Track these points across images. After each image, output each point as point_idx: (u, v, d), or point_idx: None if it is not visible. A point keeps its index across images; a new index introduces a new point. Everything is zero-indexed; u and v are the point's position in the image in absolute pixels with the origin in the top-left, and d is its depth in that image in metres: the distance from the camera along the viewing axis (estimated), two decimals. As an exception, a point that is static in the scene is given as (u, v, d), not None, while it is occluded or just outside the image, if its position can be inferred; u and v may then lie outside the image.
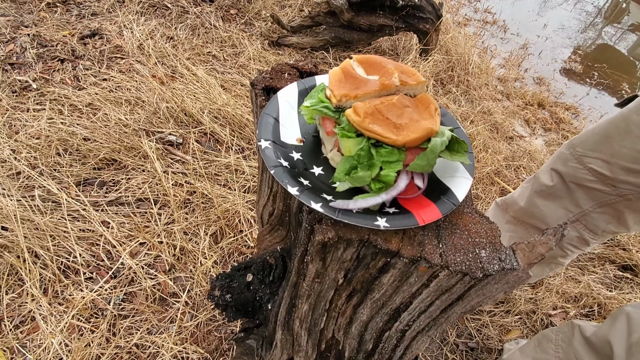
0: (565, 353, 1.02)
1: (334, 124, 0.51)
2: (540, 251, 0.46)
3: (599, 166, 1.01)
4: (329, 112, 0.50)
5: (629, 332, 0.85)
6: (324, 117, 0.52)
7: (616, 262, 1.81)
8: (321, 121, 0.53)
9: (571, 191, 1.09)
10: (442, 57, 2.68)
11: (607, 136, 0.99)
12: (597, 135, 1.02)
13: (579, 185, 1.07)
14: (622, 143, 0.94)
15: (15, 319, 1.16)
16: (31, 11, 2.21)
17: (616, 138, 0.96)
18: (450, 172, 0.54)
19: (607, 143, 0.98)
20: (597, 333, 0.94)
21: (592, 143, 1.02)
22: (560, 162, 1.11)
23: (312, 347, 0.68)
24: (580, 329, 1.01)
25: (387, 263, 0.48)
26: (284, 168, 0.50)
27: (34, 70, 1.88)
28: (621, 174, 0.97)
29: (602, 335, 0.92)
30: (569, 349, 1.01)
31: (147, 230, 1.41)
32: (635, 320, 0.86)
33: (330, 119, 0.51)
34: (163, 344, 1.17)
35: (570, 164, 1.07)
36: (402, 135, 0.45)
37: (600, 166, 1.00)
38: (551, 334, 1.10)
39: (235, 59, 2.32)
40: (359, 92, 0.49)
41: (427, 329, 0.60)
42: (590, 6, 5.04)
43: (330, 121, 0.51)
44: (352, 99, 0.49)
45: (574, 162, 1.06)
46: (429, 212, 0.47)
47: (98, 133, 1.64)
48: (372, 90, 0.49)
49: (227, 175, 1.66)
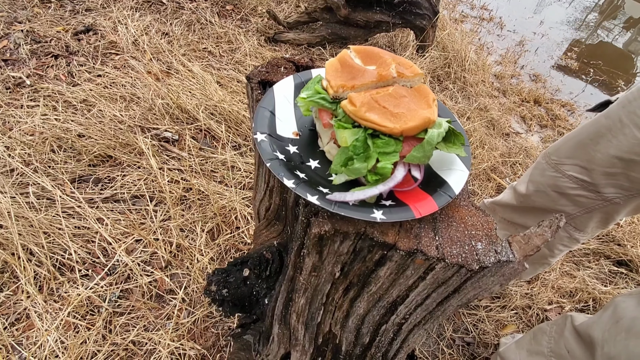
0: (556, 343, 1.03)
1: (330, 116, 0.50)
2: (536, 243, 0.46)
3: (578, 172, 0.99)
4: (325, 104, 0.49)
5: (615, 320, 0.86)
6: (320, 109, 0.51)
7: (611, 257, 1.82)
8: (318, 113, 0.53)
9: (554, 200, 1.08)
10: (439, 54, 2.68)
11: (580, 142, 0.97)
12: (570, 142, 1.00)
13: (562, 193, 1.05)
14: (596, 148, 0.93)
15: (10, 316, 1.16)
16: (25, 7, 2.18)
17: (589, 144, 0.94)
18: (447, 165, 0.54)
19: (581, 149, 0.96)
20: (586, 322, 0.95)
21: (566, 150, 1.01)
22: (538, 172, 1.09)
23: (309, 341, 0.68)
24: (572, 319, 1.01)
25: (384, 256, 0.48)
26: (280, 161, 0.50)
27: (27, 67, 1.86)
28: (602, 179, 0.95)
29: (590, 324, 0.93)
30: (561, 339, 1.02)
31: (143, 227, 1.41)
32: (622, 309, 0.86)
33: (327, 111, 0.51)
34: (160, 341, 1.16)
35: (548, 173, 1.06)
36: (400, 124, 0.45)
37: (580, 172, 0.98)
38: (546, 326, 1.11)
39: (231, 55, 2.31)
40: (356, 83, 0.48)
41: (424, 322, 0.60)
42: (586, 2, 5.06)
43: (327, 113, 0.51)
44: (349, 89, 0.48)
45: (551, 171, 1.05)
46: (425, 204, 0.47)
47: (93, 129, 1.62)
48: (369, 80, 0.49)
49: (224, 172, 1.65)
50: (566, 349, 0.98)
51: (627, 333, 0.81)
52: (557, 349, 1.02)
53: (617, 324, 0.85)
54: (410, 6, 2.49)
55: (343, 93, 0.49)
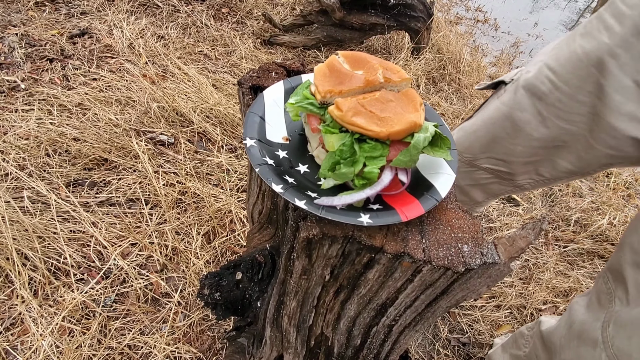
0: (530, 348, 1.02)
1: (319, 121, 0.51)
2: (520, 245, 0.47)
3: (495, 164, 0.97)
4: (313, 109, 0.50)
5: (569, 324, 0.84)
6: (309, 114, 0.52)
7: (605, 256, 1.84)
8: (306, 118, 0.54)
9: (465, 192, 1.08)
10: (434, 56, 2.70)
11: (494, 138, 0.93)
12: (482, 139, 0.97)
13: (474, 185, 1.05)
14: (515, 142, 0.89)
15: (5, 321, 1.15)
16: (19, 10, 2.18)
17: (506, 138, 0.91)
18: (434, 168, 0.55)
19: (497, 144, 0.93)
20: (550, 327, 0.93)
21: (479, 147, 0.98)
22: None
23: (302, 344, 0.68)
24: (540, 324, 1.00)
25: (372, 259, 0.49)
26: (269, 166, 0.50)
27: (22, 70, 1.86)
28: (521, 168, 0.93)
29: (552, 330, 0.91)
30: (534, 344, 1.00)
31: (139, 230, 1.41)
32: (574, 311, 0.84)
33: (315, 116, 0.51)
34: (155, 345, 1.16)
35: (462, 170, 1.04)
36: (386, 127, 0.45)
37: (497, 164, 0.97)
38: (525, 330, 1.10)
39: (227, 58, 2.31)
40: (344, 88, 0.49)
41: (414, 324, 0.61)
42: (579, 4, 5.10)
43: (315, 118, 0.52)
44: (336, 95, 0.49)
45: (465, 167, 1.03)
46: (412, 208, 0.48)
47: (88, 133, 1.62)
48: (356, 86, 0.49)
49: (219, 175, 1.66)
50: (535, 354, 0.97)
51: (578, 340, 0.79)
52: (530, 354, 1.01)
53: (571, 329, 0.83)
54: (404, 9, 2.50)
55: (330, 98, 0.49)
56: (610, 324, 0.72)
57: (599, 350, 0.72)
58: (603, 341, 0.72)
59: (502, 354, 1.17)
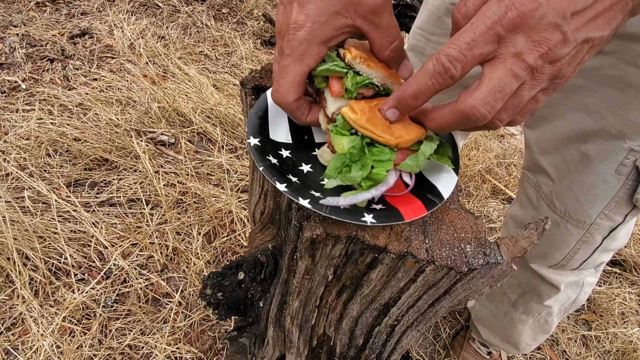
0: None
1: (340, 85, 0.50)
2: (523, 245, 0.47)
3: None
4: (337, 68, 0.50)
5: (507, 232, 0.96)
6: (331, 76, 0.51)
7: (605, 257, 1.84)
8: (328, 82, 0.53)
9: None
10: (434, 56, 2.70)
11: None
12: None
13: None
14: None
15: (6, 321, 1.15)
16: (20, 10, 2.19)
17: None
18: (436, 169, 0.55)
19: None
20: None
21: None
22: None
23: (304, 344, 0.68)
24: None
25: (375, 259, 0.49)
26: (273, 165, 0.50)
27: (23, 71, 1.86)
28: None
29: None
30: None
31: (139, 230, 1.41)
32: (511, 217, 0.97)
33: (337, 80, 0.51)
34: (156, 345, 1.16)
35: None
36: (396, 136, 0.46)
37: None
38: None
39: (227, 58, 2.32)
40: (371, 62, 0.49)
41: (417, 324, 0.61)
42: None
43: (337, 82, 0.51)
44: (365, 63, 0.49)
45: None
46: (415, 209, 0.48)
47: (89, 133, 1.62)
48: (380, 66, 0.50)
49: (220, 175, 1.66)
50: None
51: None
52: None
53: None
54: (405, 9, 2.51)
55: (358, 64, 0.49)
56: (553, 199, 0.82)
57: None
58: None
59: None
